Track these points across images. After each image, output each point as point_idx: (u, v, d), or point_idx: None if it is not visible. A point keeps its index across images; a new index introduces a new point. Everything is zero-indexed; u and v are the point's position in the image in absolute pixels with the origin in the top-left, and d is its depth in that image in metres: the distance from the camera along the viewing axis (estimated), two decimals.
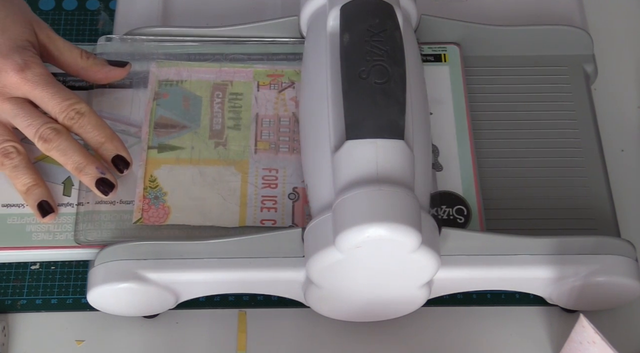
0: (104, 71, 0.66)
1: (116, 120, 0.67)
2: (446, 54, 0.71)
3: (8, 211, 0.63)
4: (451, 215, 0.64)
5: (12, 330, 0.65)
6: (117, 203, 0.64)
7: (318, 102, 0.63)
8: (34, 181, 0.63)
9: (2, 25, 0.62)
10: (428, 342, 0.65)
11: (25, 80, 0.61)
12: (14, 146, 0.63)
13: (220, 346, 0.65)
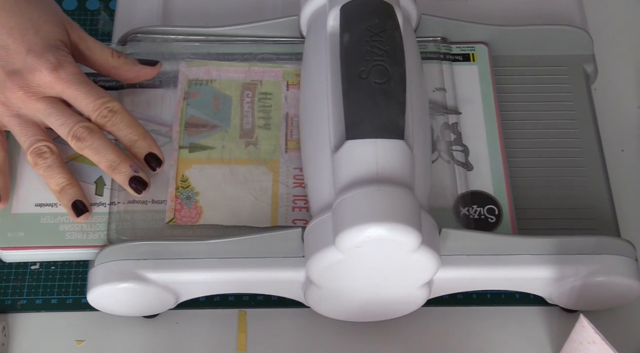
0: (134, 70, 0.66)
1: (147, 120, 0.67)
2: (474, 53, 0.71)
3: (41, 210, 0.64)
4: (482, 215, 0.64)
5: (12, 330, 0.65)
6: (149, 203, 0.64)
7: (318, 102, 0.63)
8: (67, 181, 0.63)
9: (36, 25, 0.62)
10: (428, 342, 0.65)
11: (59, 80, 0.61)
12: (47, 146, 0.63)
13: (220, 346, 0.65)
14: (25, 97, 0.62)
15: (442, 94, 0.69)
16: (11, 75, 0.62)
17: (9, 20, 0.62)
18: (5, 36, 0.62)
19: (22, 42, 0.62)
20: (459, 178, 0.65)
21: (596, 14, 0.79)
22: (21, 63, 0.62)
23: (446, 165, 0.66)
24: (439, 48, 0.70)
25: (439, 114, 0.68)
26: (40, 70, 0.61)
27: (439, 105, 0.68)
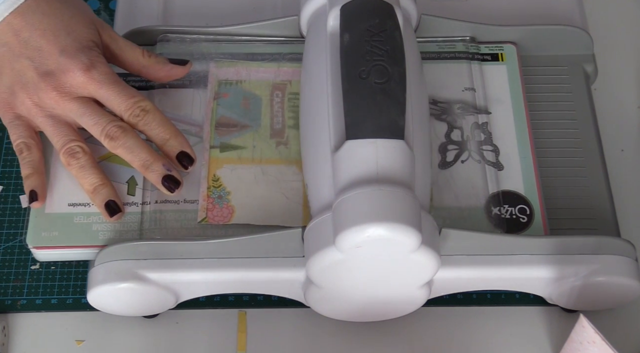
0: (165, 69, 0.67)
1: (177, 120, 0.67)
2: (503, 53, 0.71)
3: (74, 210, 0.64)
4: (514, 215, 0.64)
5: (12, 330, 0.65)
6: (181, 203, 0.64)
7: (318, 102, 0.63)
8: (100, 181, 0.63)
9: (68, 26, 0.63)
10: (428, 342, 0.65)
11: (91, 80, 0.62)
12: (79, 146, 0.63)
13: (220, 346, 0.65)
14: (59, 98, 0.62)
15: (472, 94, 0.69)
16: (44, 76, 0.62)
17: (42, 22, 0.62)
18: (38, 37, 0.62)
19: (55, 43, 0.62)
20: (489, 178, 0.66)
21: (596, 14, 0.79)
22: (54, 64, 0.62)
23: (477, 164, 0.66)
24: (468, 48, 0.71)
25: (468, 114, 0.68)
26: (72, 70, 0.62)
27: (469, 105, 0.68)
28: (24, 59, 0.63)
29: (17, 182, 0.70)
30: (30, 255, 0.67)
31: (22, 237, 0.68)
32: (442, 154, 0.67)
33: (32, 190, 0.63)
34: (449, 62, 0.70)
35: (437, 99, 0.69)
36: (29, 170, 0.64)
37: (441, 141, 0.67)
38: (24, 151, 0.64)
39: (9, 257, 0.67)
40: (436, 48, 0.71)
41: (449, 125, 0.68)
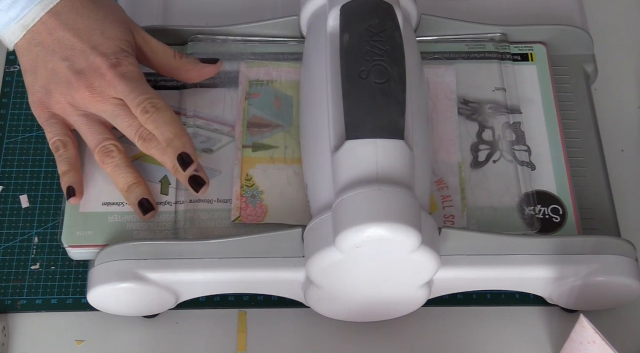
0: (196, 69, 0.67)
1: (209, 120, 0.67)
2: (533, 53, 0.71)
3: (108, 209, 0.64)
4: (547, 215, 0.64)
5: (12, 330, 0.65)
6: (214, 202, 0.64)
7: (318, 102, 0.63)
8: (134, 179, 0.63)
9: (102, 26, 0.63)
10: (428, 342, 0.65)
11: (115, 76, 0.62)
12: (114, 144, 0.64)
13: (220, 346, 0.65)
14: (91, 98, 0.63)
15: (502, 94, 0.69)
16: (77, 75, 0.63)
17: (76, 22, 0.63)
18: (71, 37, 0.63)
19: (88, 42, 0.63)
20: (521, 177, 0.66)
21: (596, 14, 0.79)
22: (85, 63, 0.63)
23: (509, 164, 0.66)
24: (498, 48, 0.71)
25: (499, 114, 0.68)
26: (101, 68, 0.62)
27: (500, 105, 0.68)
28: (58, 58, 0.63)
29: (17, 182, 0.70)
30: (30, 255, 0.67)
31: (23, 237, 0.68)
32: (473, 154, 0.67)
33: (70, 186, 0.63)
34: (479, 62, 0.70)
35: (467, 98, 0.69)
36: (65, 167, 0.64)
37: (472, 141, 0.67)
38: (60, 148, 0.64)
39: (9, 257, 0.67)
40: (465, 48, 0.71)
41: (480, 125, 0.68)
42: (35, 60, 0.64)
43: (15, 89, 0.74)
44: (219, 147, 0.67)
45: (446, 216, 0.64)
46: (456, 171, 0.66)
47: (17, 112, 0.73)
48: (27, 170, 0.71)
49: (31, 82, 0.65)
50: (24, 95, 0.74)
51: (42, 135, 0.72)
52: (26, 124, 0.73)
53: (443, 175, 0.66)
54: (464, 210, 0.64)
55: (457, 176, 0.65)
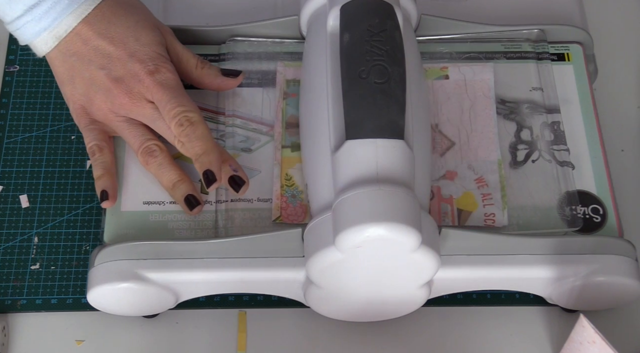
0: (217, 81, 0.68)
1: (247, 119, 0.68)
2: (569, 53, 0.71)
3: (149, 208, 0.64)
4: (587, 215, 0.64)
5: (12, 330, 0.65)
6: (254, 201, 0.64)
7: (318, 102, 0.63)
8: (179, 177, 0.64)
9: (134, 32, 0.64)
10: (428, 342, 0.65)
11: (153, 83, 0.63)
12: (156, 144, 0.64)
13: (220, 346, 0.65)
14: (131, 103, 0.63)
15: (540, 94, 0.69)
16: (116, 83, 0.63)
17: (109, 30, 0.63)
18: (107, 45, 0.63)
19: (124, 49, 0.63)
20: (561, 177, 0.66)
21: (596, 14, 0.79)
22: (123, 70, 0.63)
23: (547, 164, 0.66)
24: (535, 47, 0.71)
25: (537, 114, 0.68)
26: (139, 74, 0.63)
27: (537, 105, 0.68)
28: (94, 67, 0.63)
29: (17, 182, 0.70)
30: (30, 255, 0.67)
31: (23, 237, 0.68)
32: (512, 154, 0.67)
33: (104, 190, 0.64)
34: (515, 62, 0.70)
35: (504, 98, 0.69)
36: (100, 171, 0.64)
37: (510, 140, 0.67)
38: (96, 153, 0.65)
39: (9, 257, 0.67)
40: (502, 48, 0.71)
41: (518, 125, 0.68)
42: (72, 70, 0.64)
43: (15, 89, 0.74)
44: (257, 146, 0.67)
45: (487, 215, 0.64)
46: (496, 169, 0.66)
47: (17, 112, 0.73)
48: (27, 170, 0.71)
49: (70, 91, 0.65)
50: (23, 95, 0.74)
51: (42, 135, 0.72)
52: (26, 124, 0.73)
53: (483, 173, 0.66)
54: (504, 208, 0.64)
55: (497, 174, 0.66)
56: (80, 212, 0.69)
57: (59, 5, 0.62)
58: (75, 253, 0.67)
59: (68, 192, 0.70)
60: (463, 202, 0.65)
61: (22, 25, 0.63)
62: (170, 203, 0.65)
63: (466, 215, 0.64)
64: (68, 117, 0.73)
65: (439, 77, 0.69)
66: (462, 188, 0.65)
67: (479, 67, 0.70)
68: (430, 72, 0.70)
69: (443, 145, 0.67)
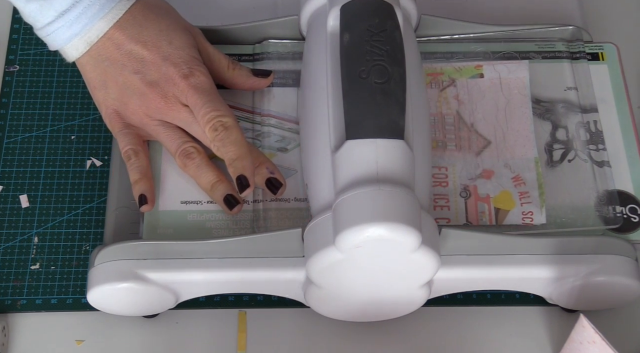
0: (248, 83, 0.68)
1: (283, 119, 0.68)
2: (603, 52, 0.71)
3: (187, 208, 0.64)
4: (625, 214, 0.65)
5: (12, 330, 0.65)
6: (291, 201, 0.65)
7: (318, 102, 0.63)
8: (217, 177, 0.64)
9: (167, 35, 0.64)
10: (428, 342, 0.65)
11: (188, 86, 0.63)
12: (193, 146, 0.65)
13: (220, 346, 0.65)
14: (166, 107, 0.64)
15: (574, 93, 0.69)
16: (150, 86, 0.63)
17: (141, 34, 0.63)
18: (140, 49, 0.63)
19: (157, 53, 0.63)
20: (597, 177, 0.66)
21: (596, 14, 0.79)
22: (158, 73, 0.63)
23: (584, 164, 0.66)
24: (569, 47, 0.71)
25: (572, 113, 0.68)
26: (174, 78, 0.63)
27: (572, 105, 0.68)
28: (128, 71, 0.64)
29: (17, 182, 0.70)
30: (30, 255, 0.67)
31: (23, 237, 0.68)
32: (548, 153, 0.67)
33: (142, 195, 0.64)
34: (549, 61, 0.70)
35: (539, 98, 0.69)
36: (137, 176, 0.65)
37: (546, 140, 0.67)
38: (132, 157, 0.65)
39: (9, 257, 0.67)
40: (535, 48, 0.71)
41: (553, 124, 0.68)
42: (104, 74, 0.64)
43: (15, 89, 0.74)
44: (294, 146, 0.67)
45: (524, 213, 0.64)
46: (533, 166, 0.66)
47: (17, 112, 0.73)
48: (27, 170, 0.71)
49: (103, 96, 0.65)
50: (23, 95, 0.74)
51: (42, 135, 0.72)
52: (26, 124, 0.73)
53: (520, 171, 0.66)
54: (542, 206, 0.64)
55: (534, 172, 0.66)
56: (80, 212, 0.69)
57: (89, 11, 0.62)
58: (75, 253, 0.67)
59: (68, 192, 0.70)
60: (500, 201, 0.65)
61: (53, 31, 0.63)
62: (207, 202, 0.65)
63: (504, 213, 0.64)
64: (68, 117, 0.73)
65: (473, 76, 0.69)
66: (499, 186, 0.65)
67: (514, 65, 0.70)
68: (465, 71, 0.70)
69: (479, 144, 0.67)
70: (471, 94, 0.69)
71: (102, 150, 0.72)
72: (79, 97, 0.74)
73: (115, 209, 0.65)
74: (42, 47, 0.76)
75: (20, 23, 0.77)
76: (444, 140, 0.67)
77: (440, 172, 0.66)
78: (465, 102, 0.68)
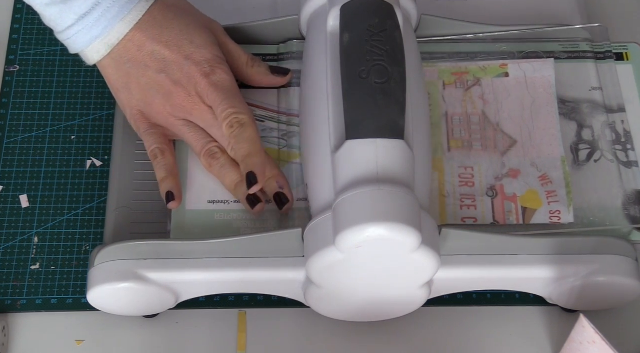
0: (266, 80, 0.68)
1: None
2: (628, 52, 0.71)
3: (214, 207, 0.65)
4: None
5: (12, 330, 0.65)
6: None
7: (318, 102, 0.63)
8: (240, 177, 0.64)
9: (188, 34, 0.64)
10: (428, 342, 0.65)
11: (209, 84, 0.63)
12: (217, 146, 0.65)
13: (220, 346, 0.65)
14: (190, 106, 0.64)
15: (599, 93, 0.69)
16: (174, 85, 0.64)
17: (162, 35, 0.64)
18: (162, 49, 0.63)
19: (179, 53, 0.63)
20: (625, 177, 0.66)
21: (596, 14, 0.79)
22: (180, 73, 0.63)
23: (610, 164, 0.66)
24: (593, 47, 0.71)
25: (598, 113, 0.68)
26: (196, 76, 0.63)
27: (598, 105, 0.68)
28: (152, 71, 0.64)
29: (17, 182, 0.70)
30: (30, 255, 0.67)
31: (23, 237, 0.68)
32: (573, 153, 0.67)
33: (169, 192, 0.64)
34: (574, 61, 0.70)
35: (564, 98, 0.69)
36: (164, 174, 0.65)
37: (572, 140, 0.67)
38: (159, 156, 0.65)
39: (9, 257, 0.67)
40: (560, 48, 0.71)
41: (579, 124, 0.68)
42: (127, 76, 0.64)
43: (15, 88, 0.74)
44: None
45: (552, 212, 0.64)
46: (559, 166, 0.66)
47: (17, 112, 0.73)
48: (27, 170, 0.71)
49: (127, 97, 0.65)
50: (23, 95, 0.74)
51: (42, 135, 0.72)
52: (26, 124, 0.73)
53: (546, 170, 0.66)
54: (570, 205, 0.64)
55: (561, 170, 0.66)
56: (80, 212, 0.69)
57: (109, 13, 0.62)
58: (75, 253, 0.67)
59: (68, 192, 0.70)
60: (527, 200, 0.65)
61: (73, 35, 0.63)
62: (234, 202, 0.65)
63: (531, 212, 0.64)
64: (68, 117, 0.73)
65: (498, 75, 0.69)
66: (526, 185, 0.65)
67: (539, 64, 0.70)
68: (490, 70, 0.70)
69: (505, 144, 0.67)
70: (496, 93, 0.69)
71: (102, 150, 0.72)
72: (79, 97, 0.74)
73: (115, 209, 0.65)
74: (42, 47, 0.76)
75: (20, 23, 0.77)
76: (470, 140, 0.67)
77: (467, 172, 0.66)
78: (490, 101, 0.68)
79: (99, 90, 0.74)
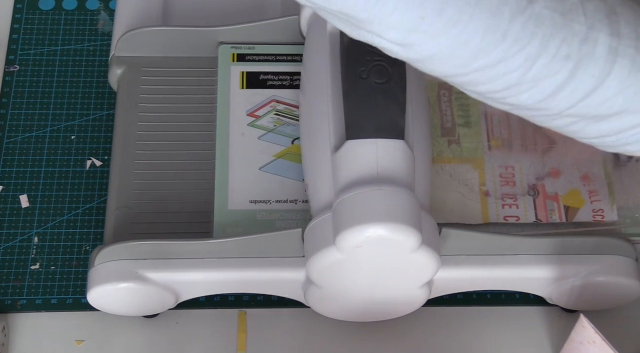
0: None
1: None
2: None
3: (256, 207, 0.64)
4: None
5: (12, 330, 0.65)
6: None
7: (318, 102, 0.62)
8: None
9: None
10: (428, 342, 0.65)
11: None
12: None
13: (220, 346, 0.65)
14: None
15: None
16: None
17: None
18: None
19: None
20: None
21: None
22: None
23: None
24: None
25: None
26: None
27: None
28: None
29: (17, 182, 0.70)
30: (30, 255, 0.67)
31: (23, 237, 0.68)
32: (614, 154, 0.67)
33: None
34: None
35: None
36: None
37: None
38: None
39: (9, 257, 0.67)
40: None
41: None
42: None
43: (15, 89, 0.74)
44: None
45: (595, 210, 0.64)
46: (600, 165, 0.66)
47: (17, 112, 0.73)
48: (27, 170, 0.71)
49: None
50: (23, 95, 0.74)
51: (42, 135, 0.72)
52: (26, 124, 0.73)
53: (587, 170, 0.66)
54: (613, 204, 0.65)
55: (602, 170, 0.66)
56: (80, 212, 0.69)
57: None
58: (75, 253, 0.68)
59: (68, 192, 0.70)
60: (570, 199, 0.65)
61: None
62: (276, 201, 0.64)
63: (574, 211, 0.65)
64: (68, 117, 0.73)
65: None
66: (568, 185, 0.65)
67: None
68: None
69: (545, 144, 0.67)
70: None
71: (102, 150, 0.72)
72: (79, 97, 0.74)
73: (115, 209, 0.65)
74: (42, 47, 0.76)
75: (20, 23, 0.77)
76: (510, 139, 0.67)
77: (507, 172, 0.66)
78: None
79: (99, 90, 0.74)
